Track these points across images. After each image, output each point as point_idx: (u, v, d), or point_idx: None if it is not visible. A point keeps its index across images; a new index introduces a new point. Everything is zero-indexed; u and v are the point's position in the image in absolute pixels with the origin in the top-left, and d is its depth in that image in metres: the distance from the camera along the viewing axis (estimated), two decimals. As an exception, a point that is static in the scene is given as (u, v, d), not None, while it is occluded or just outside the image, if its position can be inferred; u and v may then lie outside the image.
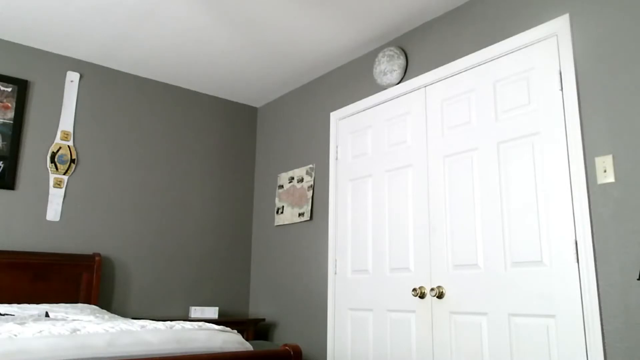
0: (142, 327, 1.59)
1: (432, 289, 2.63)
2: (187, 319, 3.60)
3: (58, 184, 3.41)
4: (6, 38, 3.35)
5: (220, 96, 4.30)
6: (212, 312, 3.63)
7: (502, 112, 2.55)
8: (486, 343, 2.40)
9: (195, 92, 4.17)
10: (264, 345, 3.37)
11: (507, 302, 2.35)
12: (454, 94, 2.79)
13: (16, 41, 3.39)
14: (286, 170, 3.99)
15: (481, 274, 2.48)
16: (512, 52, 2.54)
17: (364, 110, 3.35)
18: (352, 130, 3.42)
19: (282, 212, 3.91)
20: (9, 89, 3.32)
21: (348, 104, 3.49)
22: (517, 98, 2.48)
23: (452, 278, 2.61)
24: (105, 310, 3.05)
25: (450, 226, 2.67)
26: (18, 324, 1.63)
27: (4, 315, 2.42)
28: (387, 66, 3.12)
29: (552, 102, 2.33)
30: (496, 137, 2.55)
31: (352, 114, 3.43)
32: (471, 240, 2.56)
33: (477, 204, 2.57)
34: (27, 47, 3.44)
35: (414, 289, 2.71)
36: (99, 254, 3.39)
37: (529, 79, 2.45)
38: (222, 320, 3.50)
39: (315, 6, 2.91)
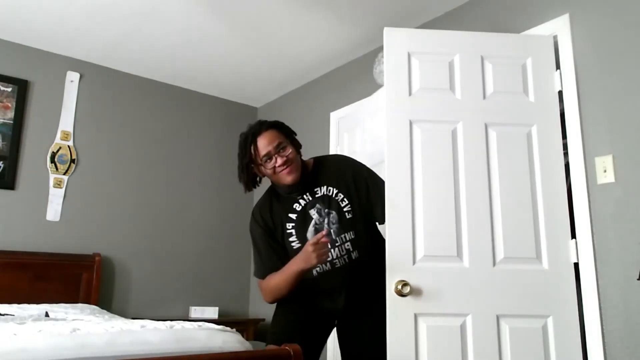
0: (142, 326, 1.59)
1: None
2: (187, 319, 3.60)
3: (58, 184, 3.41)
4: (6, 38, 3.35)
5: (220, 96, 4.30)
6: (212, 312, 3.63)
7: (501, 112, 2.53)
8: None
9: (195, 92, 4.17)
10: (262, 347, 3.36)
11: (497, 303, 2.34)
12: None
13: (16, 41, 3.39)
14: (286, 170, 3.98)
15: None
16: (512, 52, 2.53)
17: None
18: (352, 130, 3.41)
19: (282, 212, 3.91)
20: (9, 89, 3.32)
21: (348, 104, 3.49)
22: (517, 98, 2.47)
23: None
24: (105, 310, 3.05)
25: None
26: (18, 323, 1.63)
27: (4, 315, 2.42)
28: (387, 66, 3.12)
29: (552, 102, 2.32)
30: (495, 137, 2.54)
31: (352, 114, 3.43)
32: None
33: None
34: (27, 47, 3.44)
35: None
36: (99, 254, 3.39)
37: (529, 78, 2.44)
38: (222, 320, 3.49)
39: (315, 7, 2.91)
